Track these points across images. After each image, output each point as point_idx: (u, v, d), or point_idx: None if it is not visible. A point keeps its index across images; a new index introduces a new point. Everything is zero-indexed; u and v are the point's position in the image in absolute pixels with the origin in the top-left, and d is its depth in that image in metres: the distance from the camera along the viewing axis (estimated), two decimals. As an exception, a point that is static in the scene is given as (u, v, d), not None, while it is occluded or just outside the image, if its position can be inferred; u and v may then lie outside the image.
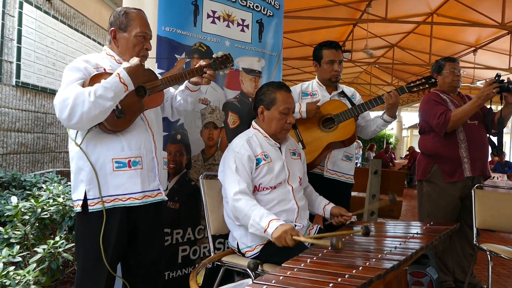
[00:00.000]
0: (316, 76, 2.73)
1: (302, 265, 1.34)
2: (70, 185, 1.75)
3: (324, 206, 2.20)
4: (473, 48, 9.27)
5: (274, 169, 2.00)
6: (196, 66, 1.95)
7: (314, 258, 1.42)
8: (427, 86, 2.44)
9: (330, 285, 1.11)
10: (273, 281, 1.17)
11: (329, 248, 1.47)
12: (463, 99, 2.95)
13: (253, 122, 2.14)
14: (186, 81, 1.97)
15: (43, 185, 2.86)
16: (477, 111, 2.77)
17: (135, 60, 1.69)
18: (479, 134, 2.82)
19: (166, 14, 2.33)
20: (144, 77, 1.73)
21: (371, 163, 3.74)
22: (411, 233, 1.78)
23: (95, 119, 1.59)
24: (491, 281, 2.51)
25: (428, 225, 1.97)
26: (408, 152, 14.33)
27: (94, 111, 1.55)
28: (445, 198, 2.85)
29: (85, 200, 1.66)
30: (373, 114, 2.76)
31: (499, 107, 2.79)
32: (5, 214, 2.36)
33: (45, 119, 4.08)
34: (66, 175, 3.92)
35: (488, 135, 2.79)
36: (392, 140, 20.04)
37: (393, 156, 14.55)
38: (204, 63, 1.96)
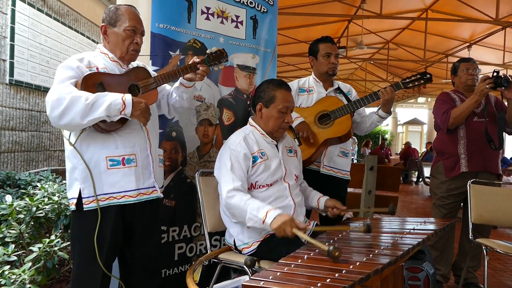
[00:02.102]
0: (313, 72, 2.74)
1: (299, 261, 1.34)
2: (65, 183, 1.74)
3: (319, 199, 2.21)
4: (467, 44, 9.29)
5: (271, 167, 2.00)
6: (190, 62, 1.95)
7: (311, 254, 1.42)
8: (422, 82, 2.47)
9: (328, 280, 1.11)
10: (270, 277, 1.16)
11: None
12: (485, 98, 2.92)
13: (250, 119, 2.13)
14: (181, 78, 1.96)
15: (38, 184, 2.84)
16: (492, 110, 2.86)
17: (144, 101, 1.68)
18: (483, 132, 2.83)
19: (160, 11, 2.31)
20: (146, 115, 1.70)
21: (367, 159, 3.75)
22: (407, 229, 1.79)
23: (83, 126, 1.59)
24: (487, 276, 2.53)
25: (424, 221, 1.98)
26: (402, 148, 14.39)
27: (84, 118, 1.55)
28: (444, 192, 2.96)
29: (79, 198, 1.66)
30: (368, 110, 2.76)
31: None
32: (0, 213, 2.34)
33: (39, 118, 4.05)
34: (60, 173, 3.90)
35: (486, 131, 2.80)
36: (387, 136, 20.11)
37: (388, 152, 14.60)
38: (198, 59, 1.95)
